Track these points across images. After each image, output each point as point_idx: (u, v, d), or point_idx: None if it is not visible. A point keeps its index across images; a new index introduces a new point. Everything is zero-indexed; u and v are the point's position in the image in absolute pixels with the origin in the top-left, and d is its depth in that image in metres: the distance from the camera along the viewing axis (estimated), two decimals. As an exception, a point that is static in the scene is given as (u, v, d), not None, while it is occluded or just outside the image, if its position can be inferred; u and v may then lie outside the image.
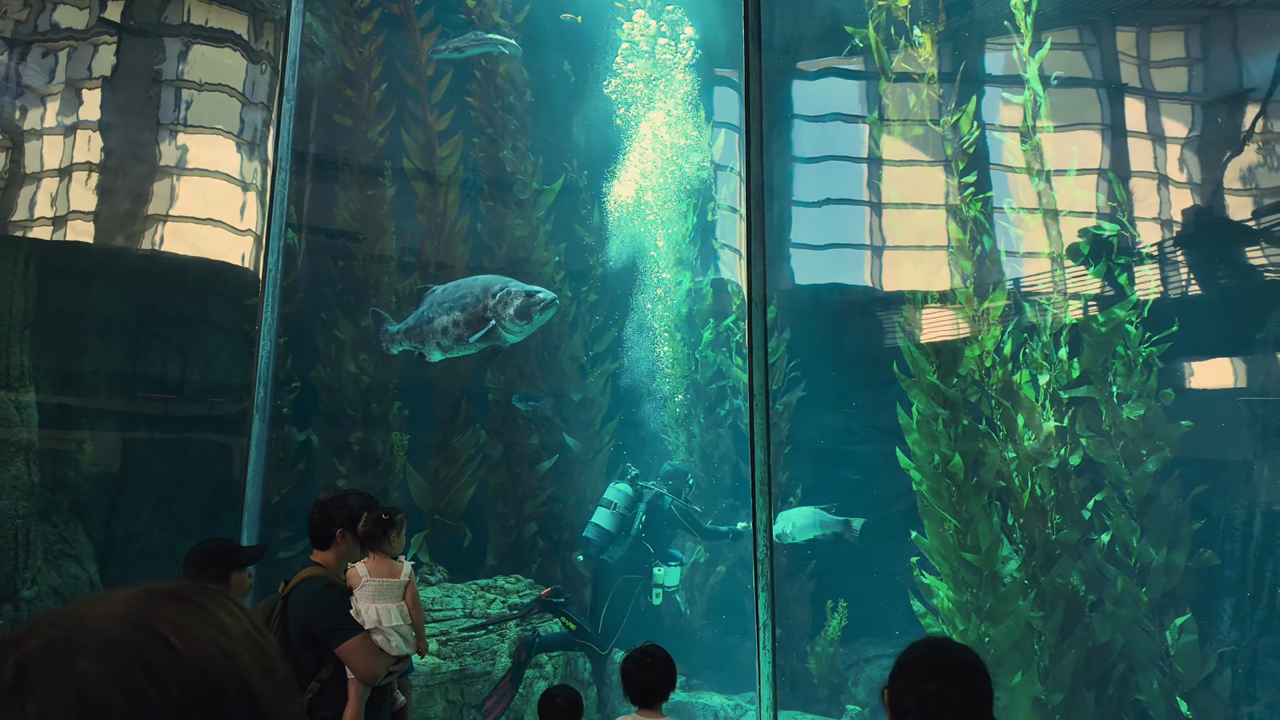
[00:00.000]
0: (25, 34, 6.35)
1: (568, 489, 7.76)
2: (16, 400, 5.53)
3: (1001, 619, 5.74)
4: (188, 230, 6.82)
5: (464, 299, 5.82)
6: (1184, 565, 5.78)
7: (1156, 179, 7.01)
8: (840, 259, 8.53)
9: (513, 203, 7.99)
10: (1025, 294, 6.62)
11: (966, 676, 1.52)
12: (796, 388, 7.75)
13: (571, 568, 7.43)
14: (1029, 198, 6.68)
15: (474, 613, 5.98)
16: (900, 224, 7.95)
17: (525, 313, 5.57)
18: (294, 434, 7.16)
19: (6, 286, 5.61)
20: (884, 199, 7.98)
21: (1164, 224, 6.93)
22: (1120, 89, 7.19)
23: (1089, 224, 6.65)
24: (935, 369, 6.08)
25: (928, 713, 1.49)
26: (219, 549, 2.77)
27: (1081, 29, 7.40)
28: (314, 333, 7.55)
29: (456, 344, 5.87)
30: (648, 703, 2.56)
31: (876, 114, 7.44)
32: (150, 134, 6.77)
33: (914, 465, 6.13)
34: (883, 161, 7.87)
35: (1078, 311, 6.42)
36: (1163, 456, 5.90)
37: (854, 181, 8.37)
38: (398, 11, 7.89)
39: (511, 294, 5.62)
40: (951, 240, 6.73)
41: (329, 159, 7.83)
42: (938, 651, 1.55)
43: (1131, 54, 7.29)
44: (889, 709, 1.54)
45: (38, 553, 5.51)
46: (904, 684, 1.52)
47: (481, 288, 5.80)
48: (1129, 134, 7.17)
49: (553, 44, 8.32)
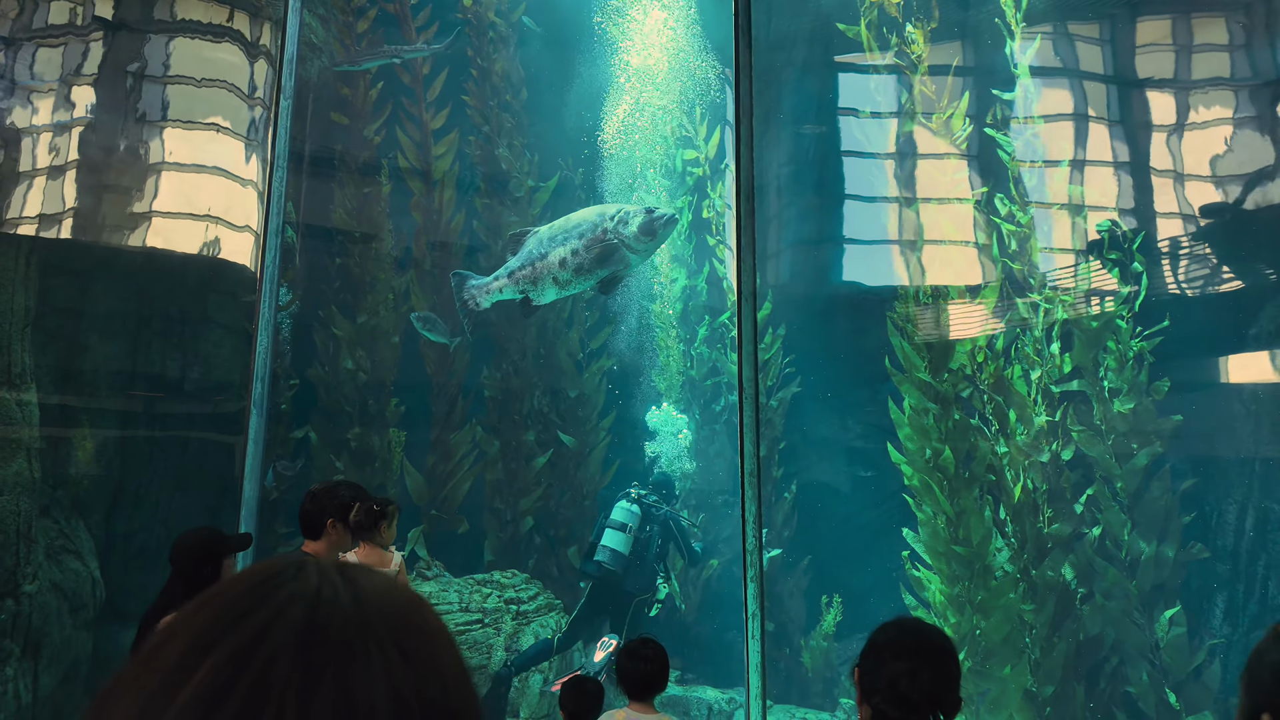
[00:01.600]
0: (21, 31, 6.39)
1: (564, 485, 7.81)
2: (18, 398, 5.58)
3: (993, 612, 5.79)
4: (187, 228, 6.87)
5: (578, 229, 5.77)
6: (1173, 558, 5.83)
7: (1157, 174, 7.04)
8: (836, 255, 8.57)
9: (508, 200, 8.04)
10: (1019, 289, 6.67)
11: (937, 658, 1.55)
12: (791, 383, 7.79)
13: (568, 563, 7.48)
14: (1024, 193, 6.72)
15: (470, 607, 6.03)
16: (897, 219, 7.98)
17: (649, 229, 5.55)
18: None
19: (8, 284, 5.66)
20: (885, 195, 8.01)
21: (1163, 219, 6.97)
22: (1129, 81, 7.22)
23: (1085, 220, 6.69)
24: (926, 364, 6.13)
25: (897, 693, 1.52)
26: (208, 538, 2.82)
27: (1074, 24, 7.42)
28: (312, 330, 7.60)
29: (577, 274, 5.78)
30: (641, 696, 2.55)
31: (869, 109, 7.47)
32: (149, 131, 6.81)
33: (905, 460, 6.18)
34: (881, 156, 7.91)
35: (1074, 307, 6.46)
36: (1153, 451, 5.95)
37: (856, 177, 8.40)
38: (394, 11, 7.93)
39: (631, 214, 5.61)
40: (951, 236, 6.78)
41: (326, 157, 7.87)
42: (909, 632, 1.58)
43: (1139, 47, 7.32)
44: (858, 687, 1.58)
45: (39, 548, 5.56)
46: (874, 663, 1.55)
47: (595, 214, 5.79)
48: (1121, 126, 7.21)
49: (548, 40, 8.36)
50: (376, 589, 0.49)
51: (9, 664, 5.19)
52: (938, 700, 1.54)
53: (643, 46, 8.17)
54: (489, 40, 8.15)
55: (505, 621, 6.03)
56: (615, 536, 5.79)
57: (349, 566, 0.51)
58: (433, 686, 0.46)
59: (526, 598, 6.34)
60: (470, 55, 8.11)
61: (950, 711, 1.53)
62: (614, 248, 5.60)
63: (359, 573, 0.50)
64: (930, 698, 1.52)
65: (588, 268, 5.73)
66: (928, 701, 1.52)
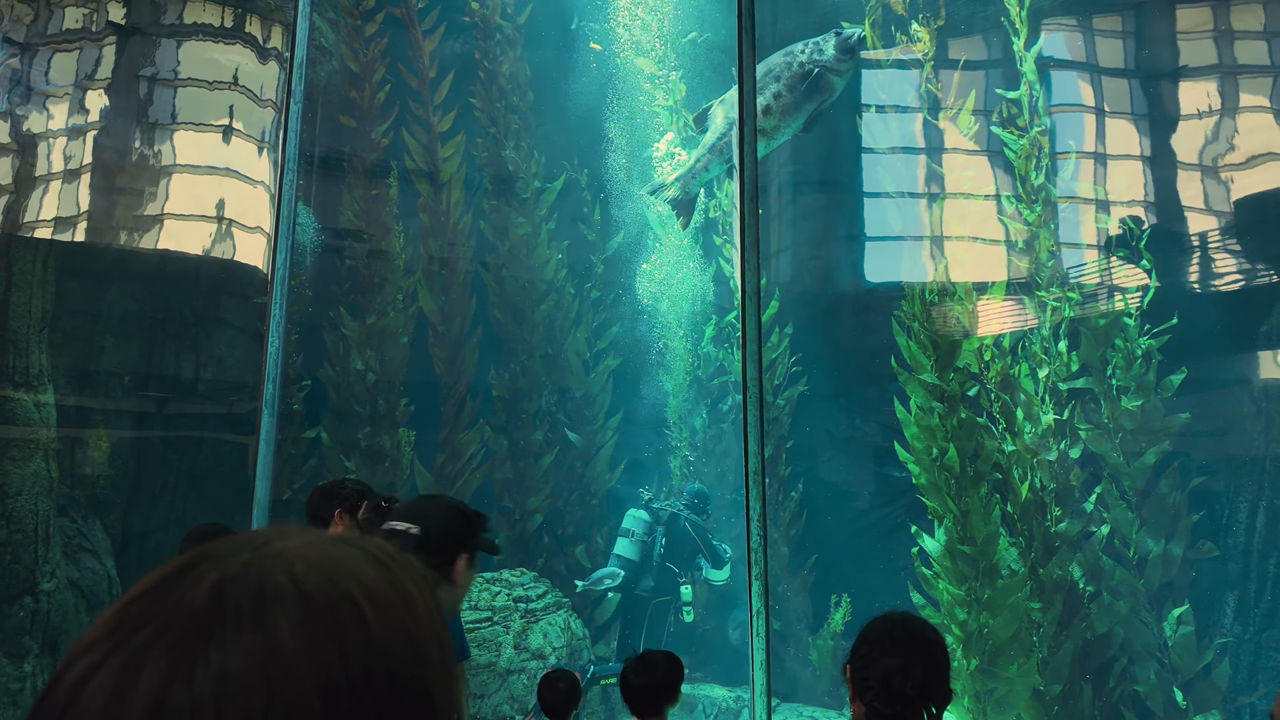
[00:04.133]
0: (36, 37, 6.50)
1: (571, 484, 7.86)
2: (35, 399, 5.68)
3: (1000, 610, 5.79)
4: (199, 230, 6.97)
5: (771, 74, 5.72)
6: (1182, 557, 5.81)
7: (1164, 168, 7.00)
8: (842, 254, 8.56)
9: (515, 201, 8.09)
10: (1026, 287, 6.65)
11: (927, 651, 1.58)
12: (798, 383, 7.80)
13: (576, 562, 7.53)
14: (1029, 189, 6.70)
15: (479, 605, 6.09)
16: (903, 217, 7.97)
17: (845, 47, 5.56)
18: None
19: (25, 287, 5.76)
20: (893, 191, 8.00)
21: (1171, 215, 6.93)
22: (1134, 75, 7.18)
23: (1093, 217, 6.67)
24: (933, 363, 6.13)
25: (890, 688, 1.55)
26: (216, 533, 2.88)
27: (1082, 18, 7.39)
28: (322, 330, 7.68)
29: (784, 115, 5.71)
30: (644, 711, 2.43)
31: (872, 107, 7.46)
32: (161, 134, 6.91)
33: (912, 459, 6.18)
34: (888, 153, 7.89)
35: (1081, 305, 6.44)
36: (1161, 449, 5.93)
37: (859, 175, 8.39)
38: (401, 15, 8.00)
39: (820, 41, 5.63)
40: (958, 233, 6.77)
41: (335, 159, 7.95)
42: (898, 627, 1.61)
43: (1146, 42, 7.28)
44: (850, 684, 1.60)
45: (57, 547, 5.67)
46: (865, 660, 1.58)
47: (782, 56, 5.75)
48: (1129, 120, 7.17)
49: (554, 43, 8.40)
50: (319, 560, 0.48)
51: (28, 660, 5.29)
52: (930, 694, 1.56)
53: (644, 47, 8.19)
54: (496, 42, 8.20)
55: (514, 619, 6.08)
56: (623, 543, 5.84)
57: (305, 539, 0.50)
58: (348, 658, 0.45)
59: (535, 596, 6.39)
60: (478, 58, 8.17)
61: (942, 704, 1.56)
62: (818, 76, 5.52)
63: (312, 546, 0.50)
64: (922, 692, 1.55)
65: (795, 106, 5.62)
66: (920, 696, 1.55)
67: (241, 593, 0.45)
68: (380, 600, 0.48)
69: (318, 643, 0.44)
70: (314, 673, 0.44)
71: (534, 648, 5.95)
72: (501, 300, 8.00)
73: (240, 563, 0.47)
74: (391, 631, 0.48)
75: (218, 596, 0.45)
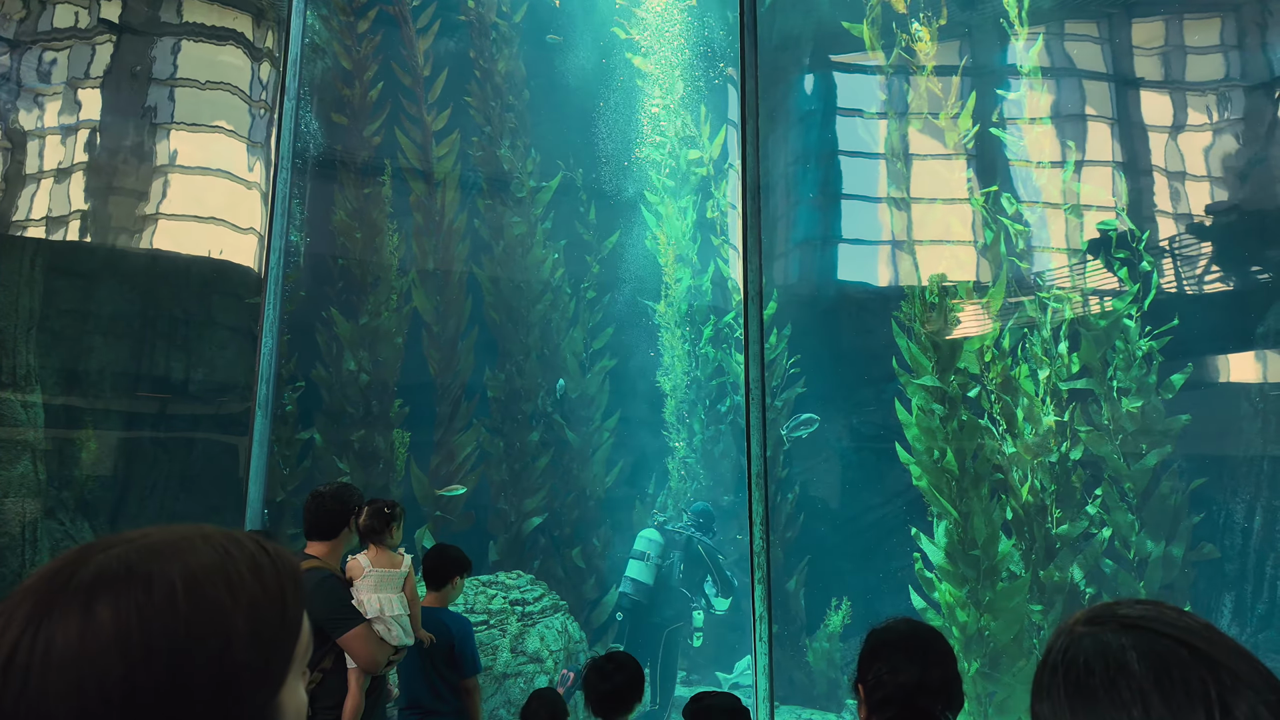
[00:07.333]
0: (27, 34, 6.40)
1: (568, 485, 7.80)
2: (23, 399, 5.59)
3: (1001, 613, 5.75)
4: (191, 229, 6.88)
5: None
6: (1182, 558, 5.79)
7: (1162, 173, 7.00)
8: (842, 255, 8.54)
9: (511, 200, 8.03)
10: (1025, 288, 6.63)
11: (940, 659, 1.54)
12: (796, 384, 7.77)
13: (572, 564, 7.46)
14: (1030, 192, 6.69)
15: (475, 608, 6.01)
16: (905, 219, 7.95)
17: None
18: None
19: (13, 286, 5.66)
20: (889, 194, 7.98)
21: (1169, 218, 6.92)
22: (1130, 82, 7.18)
23: (1091, 219, 6.65)
24: (933, 364, 6.10)
25: (913, 702, 1.50)
26: None
27: (1081, 23, 7.38)
28: (314, 331, 7.60)
29: None
30: (609, 714, 2.37)
31: (875, 110, 7.44)
32: (153, 134, 6.82)
33: (913, 460, 6.15)
34: (887, 156, 7.87)
35: (1080, 305, 6.42)
36: (1162, 451, 5.91)
37: (859, 177, 8.37)
38: (394, 13, 7.93)
39: None
40: (958, 235, 6.74)
41: (327, 157, 7.87)
42: (907, 636, 1.56)
43: (1150, 47, 7.28)
44: (865, 694, 1.55)
45: (44, 549, 5.57)
46: (877, 670, 1.53)
47: None
48: (1133, 126, 7.16)
49: (553, 42, 8.34)
50: (161, 547, 0.58)
51: (15, 666, 5.18)
52: (949, 702, 1.53)
53: (646, 47, 8.15)
54: (491, 41, 8.14)
55: (510, 623, 6.01)
56: (636, 566, 5.65)
57: (179, 533, 0.60)
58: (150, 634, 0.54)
59: (531, 599, 6.32)
60: (473, 57, 8.10)
61: (956, 709, 1.52)
62: None
63: (170, 538, 0.59)
64: (938, 698, 1.51)
65: None
66: (942, 706, 1.51)
67: (89, 574, 0.56)
68: (199, 580, 0.57)
69: (124, 614, 0.54)
70: (118, 639, 0.54)
71: (531, 651, 5.88)
72: (497, 300, 7.93)
73: (115, 553, 0.57)
74: (202, 607, 0.57)
75: (71, 577, 0.56)
